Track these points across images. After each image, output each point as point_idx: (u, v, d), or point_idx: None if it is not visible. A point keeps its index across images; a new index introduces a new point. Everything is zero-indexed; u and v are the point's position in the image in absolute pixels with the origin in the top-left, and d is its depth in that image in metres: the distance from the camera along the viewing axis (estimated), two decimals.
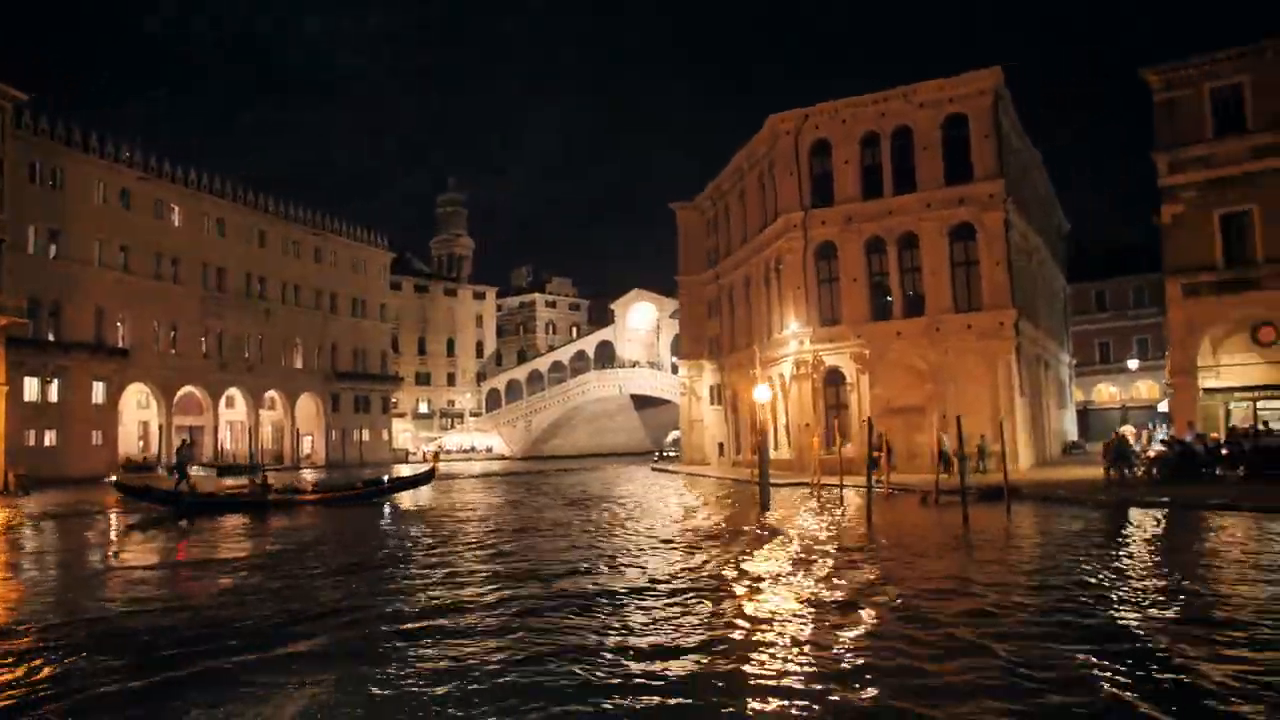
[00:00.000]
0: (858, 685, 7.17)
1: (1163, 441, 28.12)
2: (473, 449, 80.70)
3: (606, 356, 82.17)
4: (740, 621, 9.64)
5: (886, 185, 35.69)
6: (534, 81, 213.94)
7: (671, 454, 59.72)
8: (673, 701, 6.83)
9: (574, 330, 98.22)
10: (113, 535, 22.14)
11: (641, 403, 77.17)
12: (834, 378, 36.64)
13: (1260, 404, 32.29)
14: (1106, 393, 67.30)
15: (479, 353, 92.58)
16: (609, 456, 74.40)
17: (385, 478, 32.16)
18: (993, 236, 33.93)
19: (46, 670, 8.12)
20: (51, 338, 49.62)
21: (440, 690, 7.18)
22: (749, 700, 6.82)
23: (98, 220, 52.92)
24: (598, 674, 7.63)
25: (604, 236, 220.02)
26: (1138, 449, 30.12)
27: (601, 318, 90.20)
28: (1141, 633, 8.84)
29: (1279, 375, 29.85)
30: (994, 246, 33.93)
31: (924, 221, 34.84)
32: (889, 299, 35.95)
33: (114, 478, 33.61)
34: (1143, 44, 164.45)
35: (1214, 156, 29.19)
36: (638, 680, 7.39)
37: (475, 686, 7.27)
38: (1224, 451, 25.13)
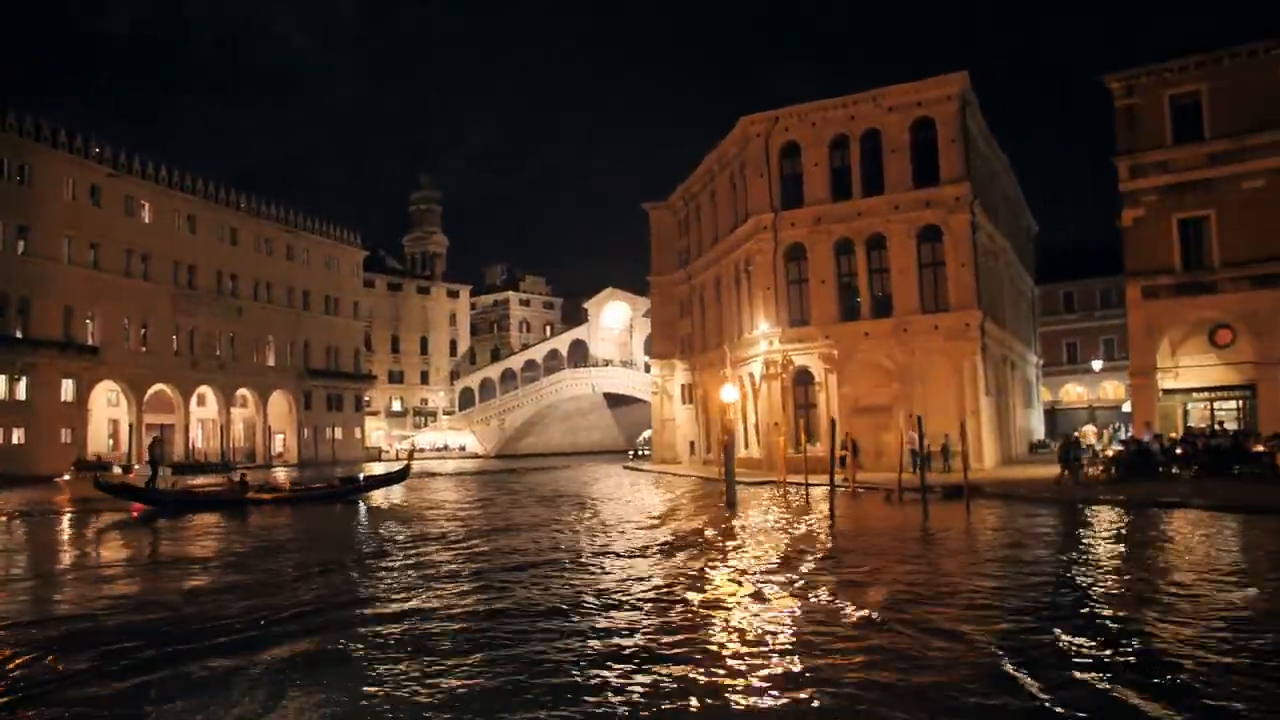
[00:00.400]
0: (834, 662, 7.60)
1: (1120, 441, 28.83)
2: (445, 447, 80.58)
3: (580, 355, 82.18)
4: (713, 615, 9.99)
5: (855, 187, 36.08)
6: (526, 81, 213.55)
7: (645, 453, 60.02)
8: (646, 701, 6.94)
9: (548, 329, 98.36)
10: (90, 533, 22.14)
11: (615, 401, 77.27)
12: (803, 377, 37.03)
13: (1217, 404, 33.18)
14: (1074, 393, 68.31)
15: (453, 351, 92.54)
16: (583, 455, 74.67)
17: (361, 476, 32.74)
18: (959, 239, 34.43)
19: (32, 670, 8.24)
20: (20, 335, 49.20)
21: (411, 690, 7.36)
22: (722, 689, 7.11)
23: (67, 216, 52.49)
24: (571, 674, 7.76)
25: (580, 235, 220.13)
26: (1099, 447, 30.87)
27: (575, 316, 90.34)
28: (1083, 612, 9.52)
29: (1235, 376, 30.55)
30: (960, 248, 34.43)
31: (892, 223, 35.28)
32: (857, 300, 36.38)
33: (67, 476, 33.17)
34: (1143, 47, 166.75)
35: (1173, 162, 29.88)
36: (611, 679, 7.52)
37: (444, 681, 7.50)
38: (1179, 451, 25.79)
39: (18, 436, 48.08)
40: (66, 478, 32.78)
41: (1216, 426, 29.95)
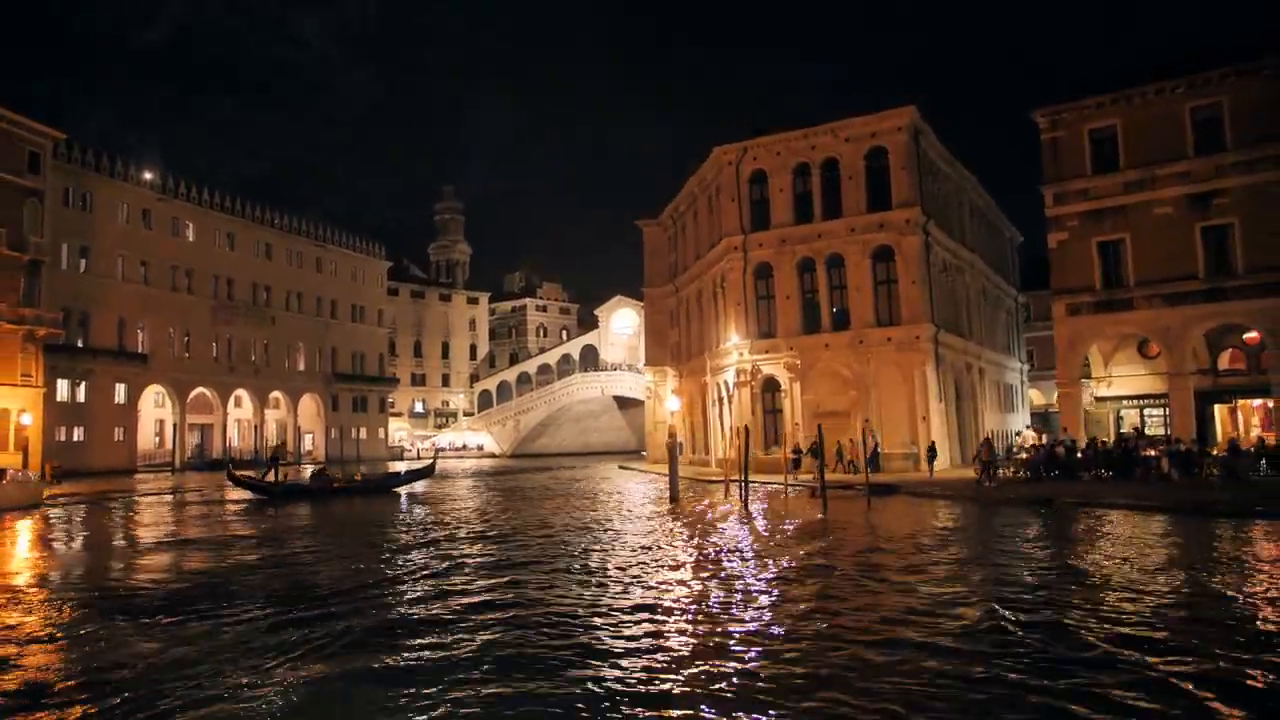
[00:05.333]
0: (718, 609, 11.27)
1: (1033, 445, 31.91)
2: (464, 447, 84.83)
3: (591, 360, 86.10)
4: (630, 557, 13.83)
5: (816, 211, 39.43)
6: (550, 84, 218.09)
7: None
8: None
9: (564, 333, 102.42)
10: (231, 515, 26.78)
11: (626, 403, 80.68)
12: (770, 385, 40.45)
13: (1147, 411, 36.13)
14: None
15: (473, 355, 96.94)
16: (594, 455, 78.21)
17: (403, 471, 40.23)
18: (910, 258, 37.60)
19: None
20: (80, 344, 54.46)
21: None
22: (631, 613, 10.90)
23: (122, 238, 57.84)
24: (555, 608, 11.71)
25: (600, 239, 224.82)
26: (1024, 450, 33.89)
27: (592, 321, 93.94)
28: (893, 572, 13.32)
29: (1161, 385, 33.36)
30: (911, 267, 37.59)
31: (849, 244, 38.55)
32: (818, 314, 39.59)
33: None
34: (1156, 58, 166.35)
35: (1092, 190, 32.76)
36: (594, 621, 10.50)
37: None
38: (1079, 456, 28.81)
39: (78, 434, 53.32)
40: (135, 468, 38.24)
41: (1133, 431, 32.93)
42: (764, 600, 11.28)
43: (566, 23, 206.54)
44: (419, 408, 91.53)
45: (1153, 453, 27.67)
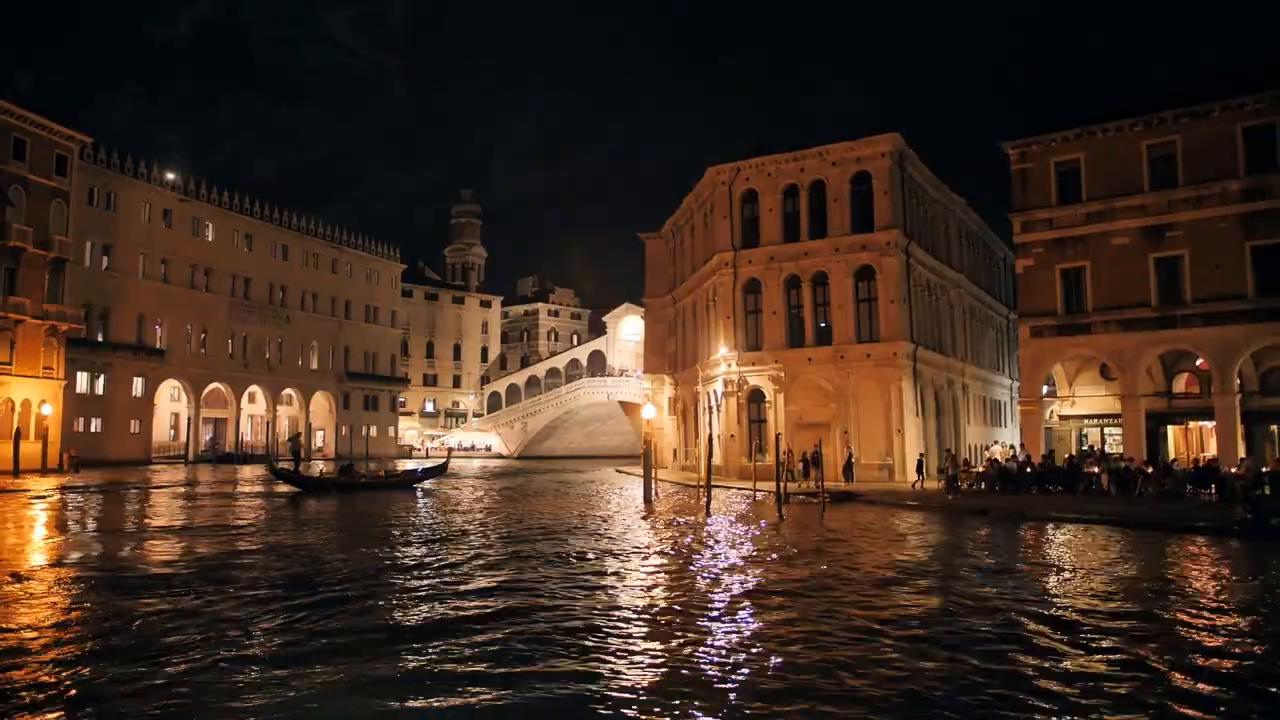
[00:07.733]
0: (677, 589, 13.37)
1: (989, 461, 33.80)
2: (473, 447, 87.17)
3: (599, 365, 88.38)
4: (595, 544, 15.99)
5: (803, 230, 41.46)
6: (561, 95, 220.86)
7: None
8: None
9: (575, 338, 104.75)
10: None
11: (632, 408, 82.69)
12: (756, 395, 42.46)
13: (1108, 430, 37.94)
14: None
15: (484, 357, 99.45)
16: (598, 458, 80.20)
17: (420, 468, 42.55)
18: (890, 278, 39.54)
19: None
20: (101, 339, 57.22)
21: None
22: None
23: (143, 237, 60.71)
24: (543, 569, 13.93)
25: (614, 245, 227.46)
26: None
27: (603, 326, 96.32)
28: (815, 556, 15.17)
29: (1120, 406, 35.05)
30: (891, 286, 39.52)
31: (833, 263, 40.53)
32: (803, 329, 41.55)
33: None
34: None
35: (1057, 220, 34.49)
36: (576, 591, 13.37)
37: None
38: (1028, 470, 30.69)
39: (96, 425, 56.00)
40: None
41: (1089, 449, 34.75)
42: (693, 583, 13.39)
43: (573, 24, 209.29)
44: (429, 407, 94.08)
45: (1095, 470, 29.53)
